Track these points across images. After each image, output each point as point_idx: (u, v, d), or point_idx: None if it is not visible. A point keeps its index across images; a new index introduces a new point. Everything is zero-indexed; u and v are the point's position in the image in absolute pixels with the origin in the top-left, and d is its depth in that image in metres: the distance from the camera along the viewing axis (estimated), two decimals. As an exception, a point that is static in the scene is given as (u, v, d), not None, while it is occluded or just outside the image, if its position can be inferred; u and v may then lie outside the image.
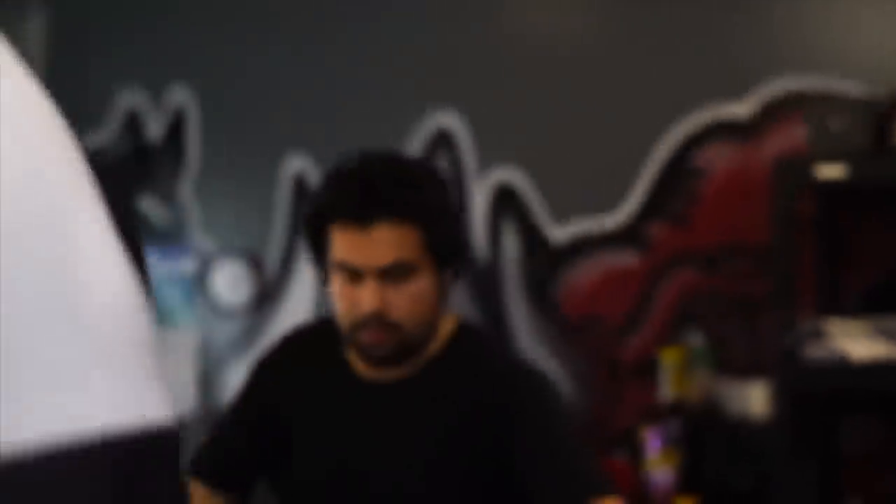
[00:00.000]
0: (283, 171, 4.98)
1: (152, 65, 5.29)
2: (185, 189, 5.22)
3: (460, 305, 4.08)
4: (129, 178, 5.34)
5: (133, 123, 5.34)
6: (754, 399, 3.90)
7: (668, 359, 4.17)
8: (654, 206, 4.32)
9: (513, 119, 4.50)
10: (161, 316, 5.25)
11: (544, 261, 4.50)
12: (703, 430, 4.16)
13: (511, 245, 4.53)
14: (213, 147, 5.18)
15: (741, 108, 4.18)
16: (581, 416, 4.31)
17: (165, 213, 5.27)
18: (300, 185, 4.96)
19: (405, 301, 2.06)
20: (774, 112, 4.12)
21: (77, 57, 5.46)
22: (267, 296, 5.04)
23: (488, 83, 4.58)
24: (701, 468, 4.12)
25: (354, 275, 2.06)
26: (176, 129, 5.24)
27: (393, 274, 2.05)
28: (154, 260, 5.25)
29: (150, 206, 5.30)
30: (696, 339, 4.23)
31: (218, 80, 5.14)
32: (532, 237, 4.50)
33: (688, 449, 4.10)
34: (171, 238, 5.25)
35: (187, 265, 5.21)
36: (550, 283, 4.48)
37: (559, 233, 4.46)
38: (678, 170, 4.28)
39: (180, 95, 5.21)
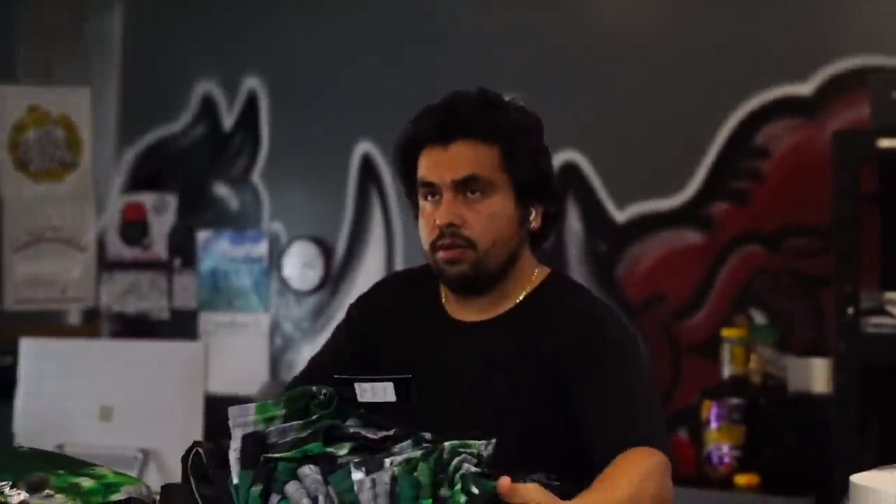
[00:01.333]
0: (351, 156, 5.07)
1: (226, 55, 5.42)
2: (257, 175, 5.34)
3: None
4: (204, 164, 5.48)
5: (208, 111, 5.47)
6: (816, 375, 3.90)
7: (731, 337, 4.18)
8: (717, 186, 4.34)
9: (576, 100, 4.54)
10: (236, 298, 5.37)
11: (607, 240, 4.54)
12: (764, 407, 4.17)
13: (574, 225, 4.58)
14: (284, 134, 5.29)
15: (804, 88, 4.19)
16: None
17: (239, 198, 5.39)
18: (368, 171, 5.05)
19: (480, 218, 2.06)
20: (838, 91, 4.13)
21: (155, 48, 5.61)
22: (335, 278, 5.14)
23: (551, 65, 4.64)
24: (762, 445, 4.13)
25: (434, 194, 2.09)
26: (248, 117, 5.36)
27: (469, 190, 2.06)
28: (228, 243, 5.38)
29: (224, 192, 5.43)
30: (758, 317, 4.25)
31: (289, 69, 5.25)
32: (595, 217, 4.54)
33: (749, 426, 4.11)
34: (245, 222, 5.37)
35: (260, 249, 5.32)
36: (613, 262, 4.52)
37: (622, 213, 4.50)
38: (741, 149, 4.30)
39: (253, 84, 5.33)
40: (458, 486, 1.54)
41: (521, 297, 2.14)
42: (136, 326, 5.60)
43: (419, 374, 1.99)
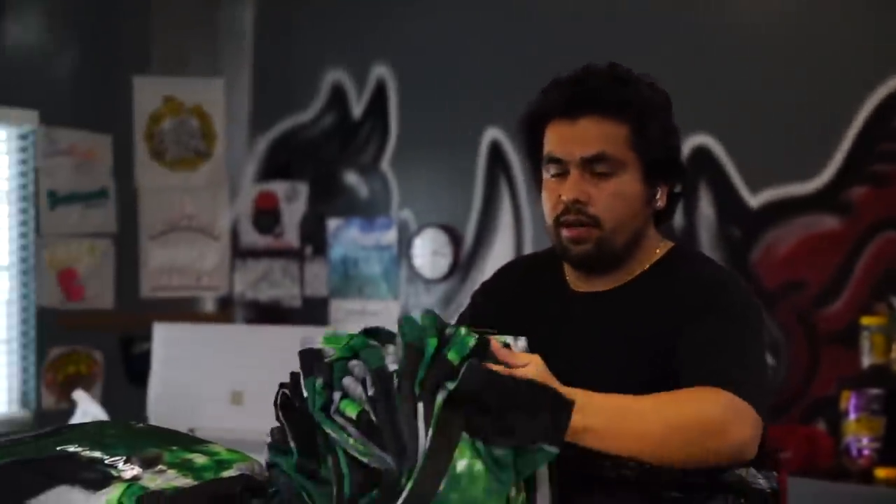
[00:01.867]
0: (480, 143, 5.04)
1: (355, 43, 5.43)
2: (387, 163, 5.35)
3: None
4: (334, 153, 5.51)
5: (338, 100, 5.49)
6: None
7: (871, 325, 4.04)
8: (855, 170, 4.19)
9: (708, 83, 4.44)
10: (365, 285, 5.39)
11: (741, 226, 4.43)
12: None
13: (707, 210, 4.47)
14: (413, 121, 5.28)
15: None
16: (777, 383, 4.22)
17: (368, 186, 5.41)
18: (497, 158, 5.01)
19: (606, 197, 2.02)
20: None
21: (285, 38, 5.66)
22: (465, 265, 5.12)
23: (682, 48, 4.54)
24: (904, 437, 3.99)
25: (560, 170, 2.05)
26: (377, 105, 5.37)
27: (596, 167, 2.02)
28: (358, 231, 5.40)
29: (354, 180, 5.45)
30: (899, 305, 4.10)
31: (417, 56, 5.25)
32: (728, 202, 4.43)
33: (890, 417, 3.97)
34: (374, 210, 5.38)
35: (389, 236, 5.33)
36: (747, 248, 4.41)
37: (756, 198, 4.38)
38: (880, 132, 4.15)
39: (381, 72, 5.34)
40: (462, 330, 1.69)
41: (643, 269, 2.11)
42: (268, 314, 5.66)
43: (543, 348, 1.92)
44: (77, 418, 4.27)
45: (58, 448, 1.66)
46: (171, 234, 5.65)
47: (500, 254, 5.01)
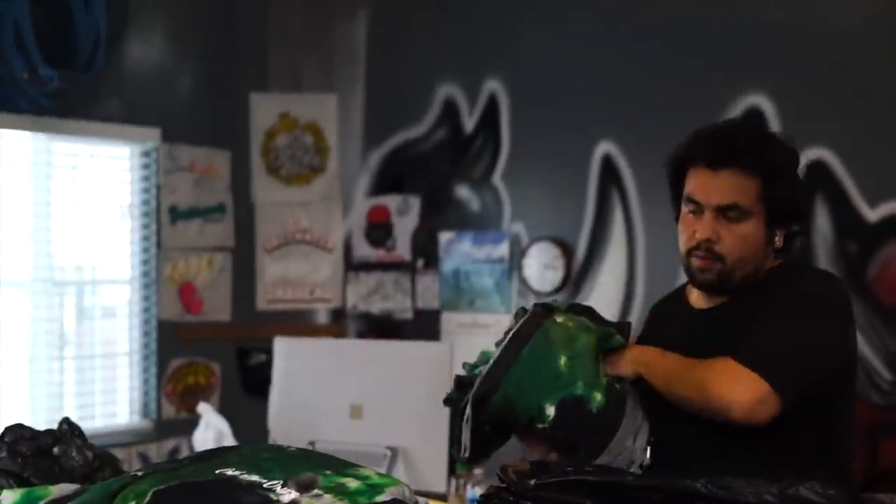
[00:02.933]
0: (592, 157, 5.06)
1: (467, 58, 5.49)
2: (498, 176, 5.39)
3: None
4: (446, 167, 5.56)
5: (450, 114, 5.55)
6: None
7: None
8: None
9: (824, 99, 4.41)
10: (477, 298, 5.44)
11: (859, 241, 4.39)
12: None
13: (824, 225, 4.44)
14: (525, 135, 5.32)
15: None
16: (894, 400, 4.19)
17: (480, 200, 5.45)
18: (609, 171, 5.03)
19: (733, 239, 2.37)
20: None
21: (398, 54, 5.73)
22: (576, 279, 5.14)
23: (798, 65, 4.51)
24: None
25: (697, 209, 2.39)
26: (489, 119, 5.41)
27: (728, 213, 2.36)
28: (470, 244, 5.45)
29: (465, 193, 5.50)
30: None
31: (528, 71, 5.28)
32: (846, 217, 4.40)
33: None
34: (486, 223, 5.43)
35: (501, 250, 5.37)
36: (865, 264, 4.37)
37: (874, 212, 4.35)
38: None
39: (493, 86, 5.39)
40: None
41: (754, 283, 2.43)
42: (380, 326, 5.74)
43: None
44: (201, 430, 4.38)
45: (217, 472, 1.72)
46: (285, 248, 5.76)
47: (612, 267, 5.02)
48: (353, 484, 1.71)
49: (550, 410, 2.25)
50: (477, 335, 5.40)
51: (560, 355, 2.28)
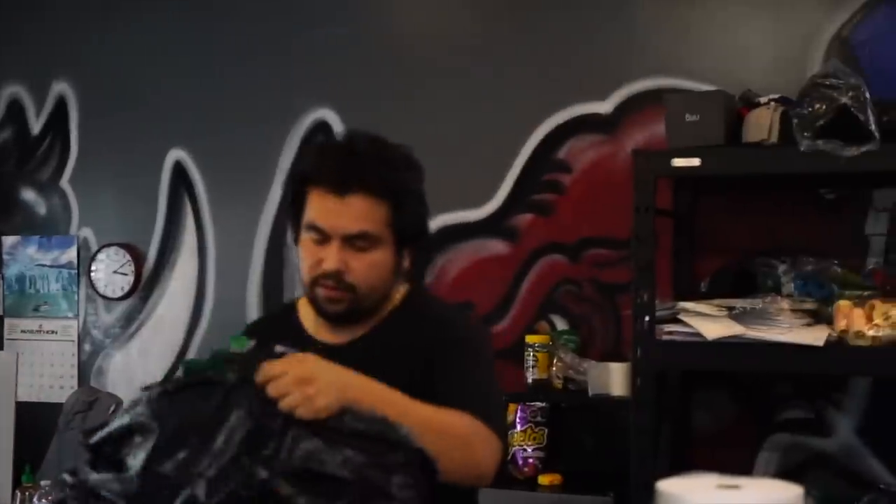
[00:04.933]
0: (164, 164, 5.08)
1: (34, 58, 5.35)
2: (66, 180, 5.29)
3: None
4: (11, 168, 5.39)
5: (15, 115, 5.39)
6: (614, 379, 4.08)
7: (534, 343, 4.35)
8: (519, 200, 4.53)
9: (386, 111, 4.65)
10: (43, 304, 5.31)
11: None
12: (566, 410, 4.37)
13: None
14: (94, 139, 5.26)
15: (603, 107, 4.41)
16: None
17: (48, 203, 5.33)
18: (180, 179, 5.07)
19: (363, 267, 2.24)
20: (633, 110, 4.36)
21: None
22: (146, 284, 5.14)
23: (363, 83, 4.75)
24: (564, 446, 4.34)
25: (322, 237, 2.24)
26: (57, 122, 5.30)
27: (357, 243, 2.23)
28: (36, 249, 5.32)
29: (32, 196, 5.36)
30: (560, 324, 4.45)
31: (98, 75, 5.22)
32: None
33: (551, 428, 4.30)
34: (53, 228, 5.31)
35: (70, 254, 5.27)
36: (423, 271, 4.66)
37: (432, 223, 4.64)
38: (544, 164, 4.50)
39: (62, 88, 5.28)
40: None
41: (383, 316, 2.36)
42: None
43: None
44: None
45: None
46: None
47: (183, 273, 5.07)
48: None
49: None
50: (44, 341, 5.29)
51: None
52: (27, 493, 3.78)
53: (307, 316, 2.41)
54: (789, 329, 3.52)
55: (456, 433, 2.03)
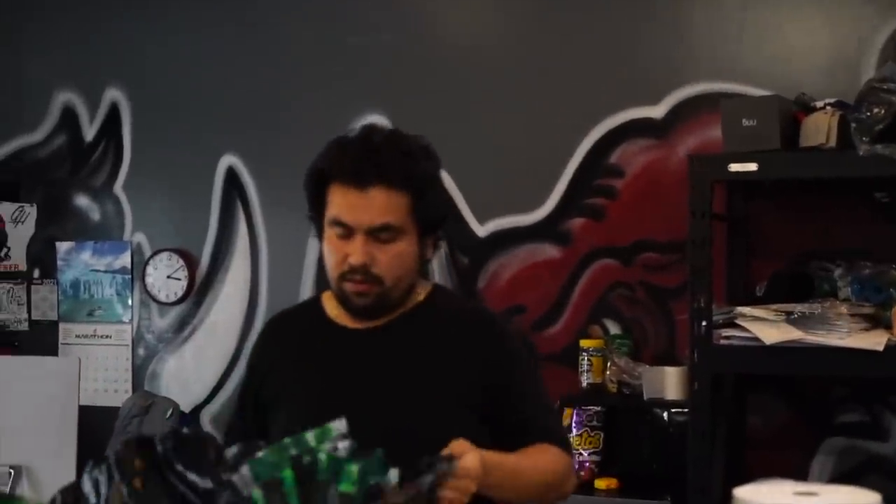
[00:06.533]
0: (216, 169, 5.13)
1: (87, 66, 5.39)
2: (120, 186, 5.34)
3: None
4: (65, 175, 5.45)
5: (69, 122, 5.44)
6: (669, 383, 4.08)
7: (588, 347, 4.36)
8: (571, 204, 4.54)
9: (437, 119, 4.66)
10: (97, 309, 5.37)
11: (468, 254, 4.70)
12: (621, 414, 4.38)
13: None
14: (147, 145, 5.30)
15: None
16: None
17: (102, 209, 5.39)
18: (232, 184, 5.11)
19: (389, 258, 2.26)
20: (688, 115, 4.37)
21: (11, 59, 5.55)
22: (200, 289, 5.18)
23: (412, 84, 4.78)
24: (620, 450, 4.35)
25: (346, 232, 2.26)
26: (111, 128, 5.35)
27: (381, 235, 2.25)
28: (90, 254, 5.37)
29: (86, 202, 5.41)
30: (613, 328, 4.46)
31: (151, 82, 5.27)
32: (458, 233, 4.67)
33: (607, 432, 4.32)
34: (107, 233, 5.36)
35: (123, 260, 5.33)
36: (475, 275, 4.68)
37: (483, 228, 4.67)
38: (596, 167, 4.51)
39: (115, 95, 5.33)
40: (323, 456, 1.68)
41: (409, 308, 2.38)
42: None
43: (318, 381, 2.29)
44: None
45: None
46: None
47: (236, 277, 5.11)
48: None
49: None
50: (98, 345, 5.35)
51: None
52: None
53: (331, 306, 2.43)
54: (848, 334, 3.53)
55: (558, 479, 2.27)
